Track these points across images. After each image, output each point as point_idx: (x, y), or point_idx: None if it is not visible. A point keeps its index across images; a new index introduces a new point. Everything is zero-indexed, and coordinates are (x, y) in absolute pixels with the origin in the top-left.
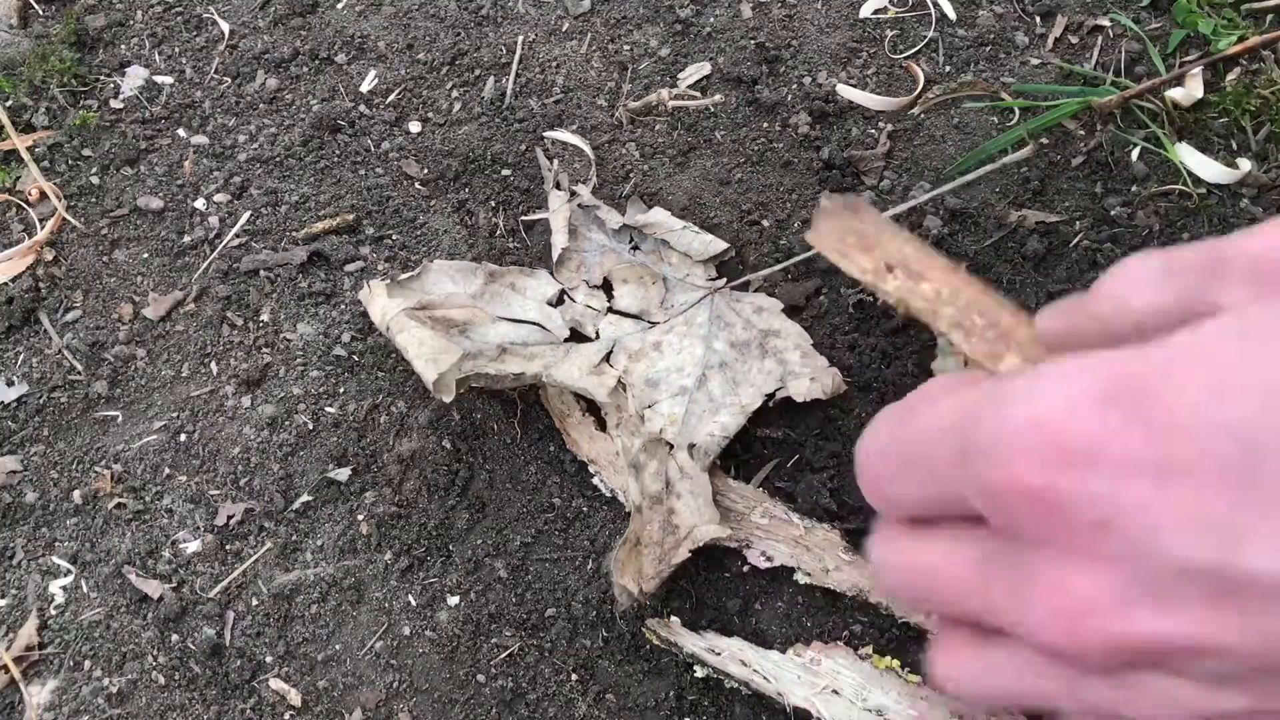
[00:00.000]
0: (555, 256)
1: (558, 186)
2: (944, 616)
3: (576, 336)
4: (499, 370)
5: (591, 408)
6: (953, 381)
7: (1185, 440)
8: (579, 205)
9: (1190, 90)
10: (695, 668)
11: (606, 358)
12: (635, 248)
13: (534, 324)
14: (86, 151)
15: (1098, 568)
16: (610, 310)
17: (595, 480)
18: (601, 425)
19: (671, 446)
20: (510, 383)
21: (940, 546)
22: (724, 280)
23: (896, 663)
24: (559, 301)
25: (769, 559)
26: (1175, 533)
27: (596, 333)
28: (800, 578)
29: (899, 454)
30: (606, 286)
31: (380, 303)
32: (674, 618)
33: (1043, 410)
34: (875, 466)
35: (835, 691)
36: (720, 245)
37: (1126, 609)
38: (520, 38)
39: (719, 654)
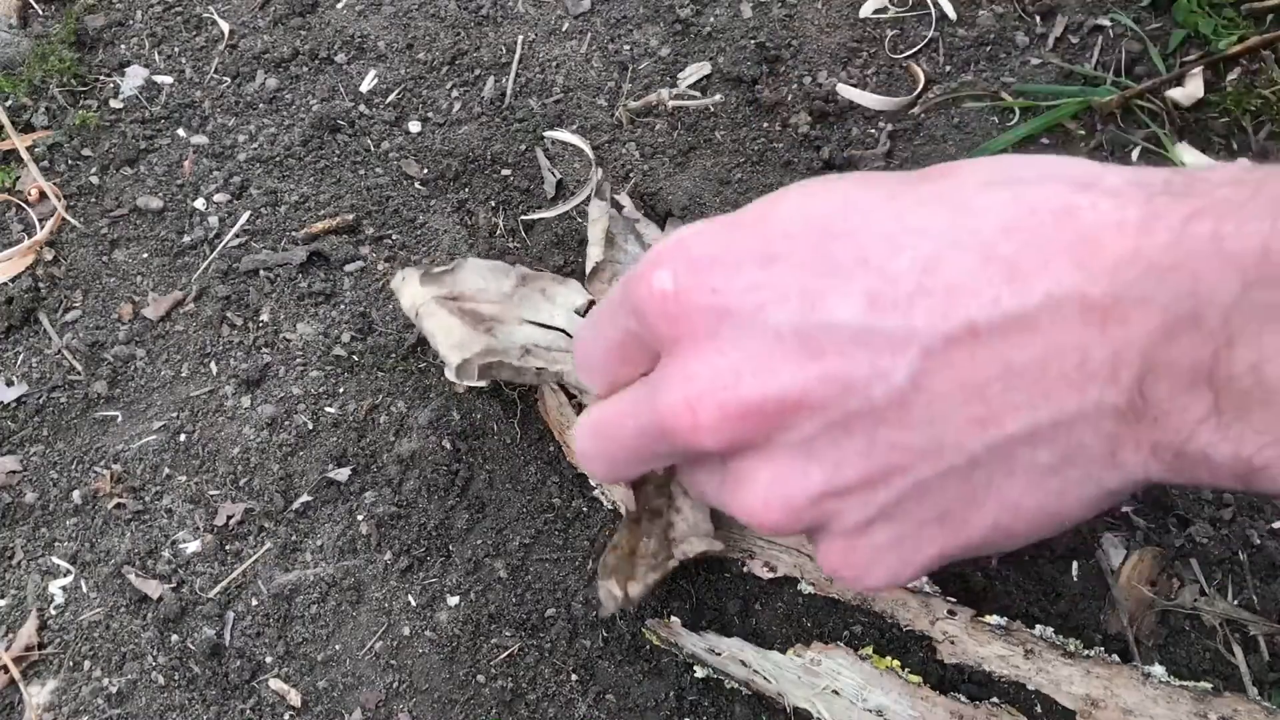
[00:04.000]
0: (589, 268)
1: (599, 195)
2: (641, 461)
3: None
4: (521, 364)
5: None
6: None
7: (781, 236)
8: (623, 216)
9: (1191, 90)
10: (695, 668)
11: None
12: None
13: (560, 330)
14: (86, 151)
15: (717, 350)
16: None
17: (595, 492)
18: None
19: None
20: (531, 377)
21: (616, 398)
22: None
23: (897, 663)
24: (587, 311)
25: (772, 569)
26: (775, 305)
27: None
28: (804, 588)
29: (599, 321)
30: None
31: (412, 290)
32: (674, 618)
33: (678, 235)
34: (586, 334)
35: (835, 692)
36: None
37: (739, 381)
38: (520, 37)
39: (719, 654)
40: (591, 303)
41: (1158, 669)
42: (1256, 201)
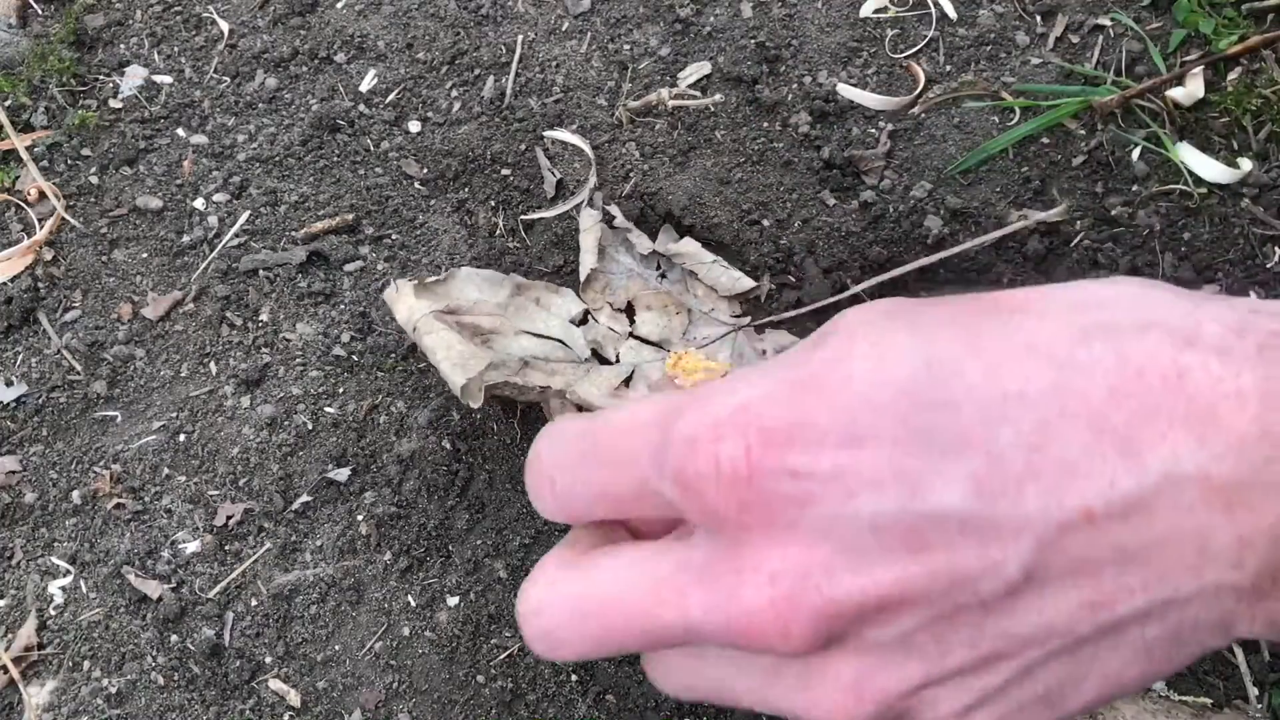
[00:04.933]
0: (583, 277)
1: (590, 205)
2: (625, 648)
3: (597, 357)
4: (525, 382)
5: None
6: (650, 397)
7: (865, 407)
8: (612, 227)
9: (1191, 90)
10: None
11: (626, 382)
12: (663, 275)
13: (557, 340)
14: (85, 151)
15: (803, 543)
16: (631, 335)
17: None
18: None
19: None
20: (534, 395)
21: (620, 569)
22: (748, 318)
23: None
24: (583, 321)
25: None
26: (867, 492)
27: (617, 356)
28: None
29: (595, 450)
30: (629, 311)
31: (407, 303)
32: None
33: (743, 398)
34: (559, 460)
35: None
36: (748, 283)
37: (831, 577)
38: (520, 37)
39: None
40: (586, 312)
41: (1157, 683)
42: None
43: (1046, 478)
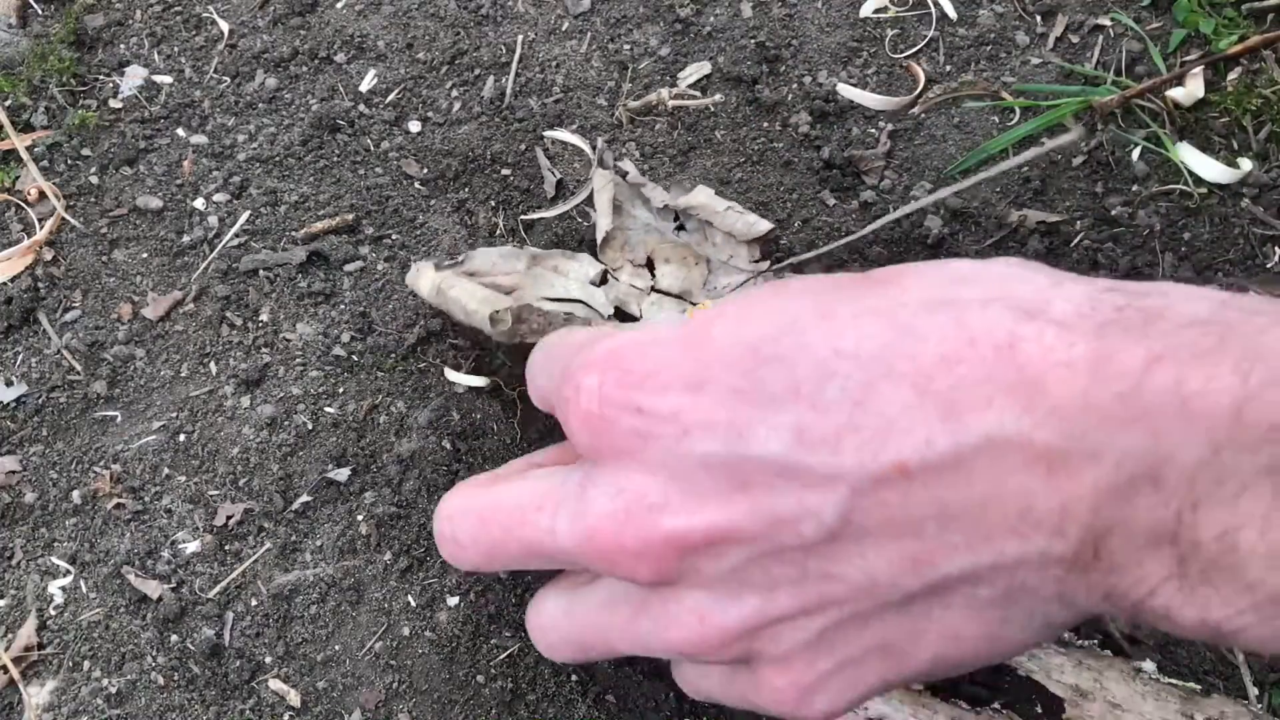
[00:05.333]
0: (600, 237)
1: (601, 164)
2: (523, 564)
3: (620, 315)
4: (553, 309)
5: None
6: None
7: (714, 357)
8: (627, 181)
9: (1191, 90)
10: None
11: None
12: (680, 227)
13: (578, 302)
14: (85, 151)
15: (640, 472)
16: (653, 289)
17: None
18: None
19: None
20: (561, 323)
21: (520, 483)
22: (767, 263)
23: None
24: (602, 282)
25: None
26: (699, 432)
27: (640, 312)
28: None
29: (547, 360)
30: (650, 265)
31: (429, 276)
32: None
33: (619, 343)
34: (535, 360)
35: None
36: (765, 226)
37: (663, 510)
38: (520, 37)
39: None
40: (605, 273)
41: (1149, 665)
42: (1225, 351)
43: (865, 431)
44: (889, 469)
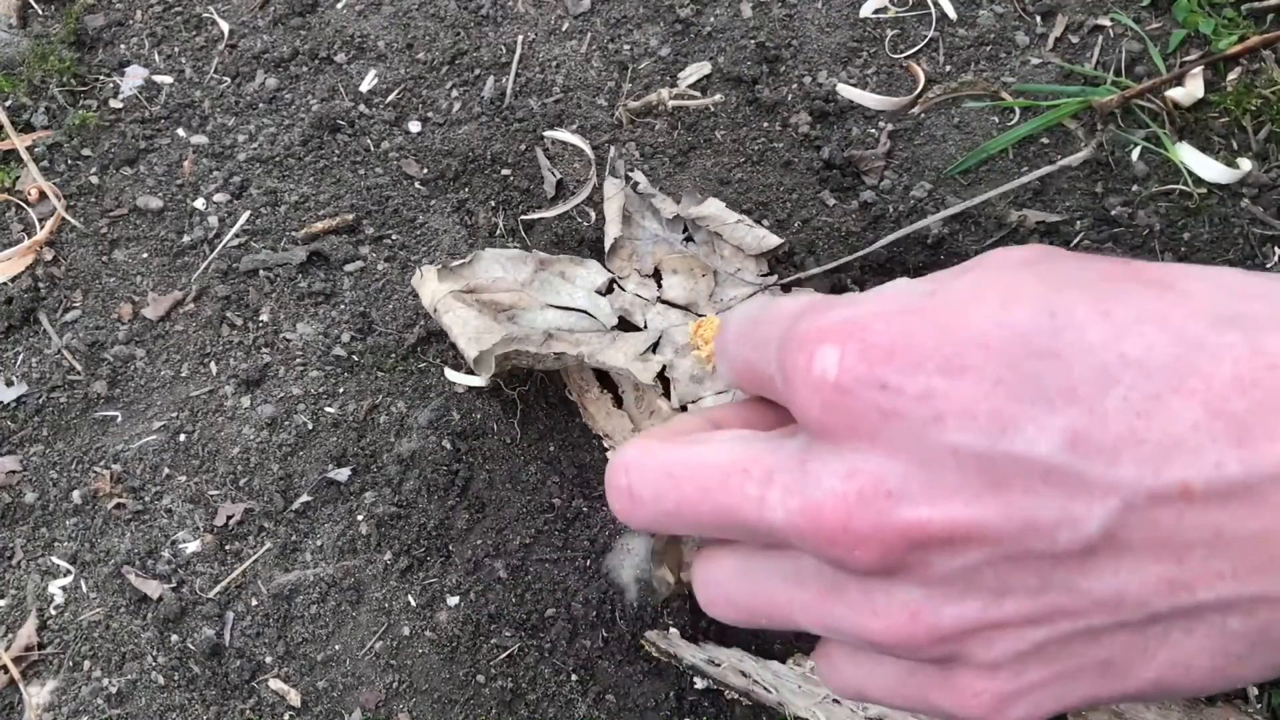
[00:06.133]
0: (608, 245)
1: (613, 173)
2: (702, 525)
3: (625, 325)
4: (541, 350)
5: (608, 385)
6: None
7: (974, 340)
8: (637, 192)
9: (1191, 90)
10: (695, 680)
11: (653, 348)
12: (689, 238)
13: (582, 311)
14: (86, 151)
15: (881, 455)
16: (659, 300)
17: (609, 454)
18: (618, 403)
19: None
20: (552, 363)
21: (718, 444)
22: (775, 277)
23: None
24: (608, 290)
25: None
26: (955, 421)
27: (645, 322)
28: None
29: (752, 327)
30: (656, 275)
31: (430, 287)
32: (672, 629)
33: (859, 312)
34: (732, 331)
35: (836, 701)
36: (774, 240)
37: (902, 498)
38: (520, 37)
39: (718, 665)
40: (612, 280)
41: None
42: None
43: (1148, 447)
44: (1170, 488)
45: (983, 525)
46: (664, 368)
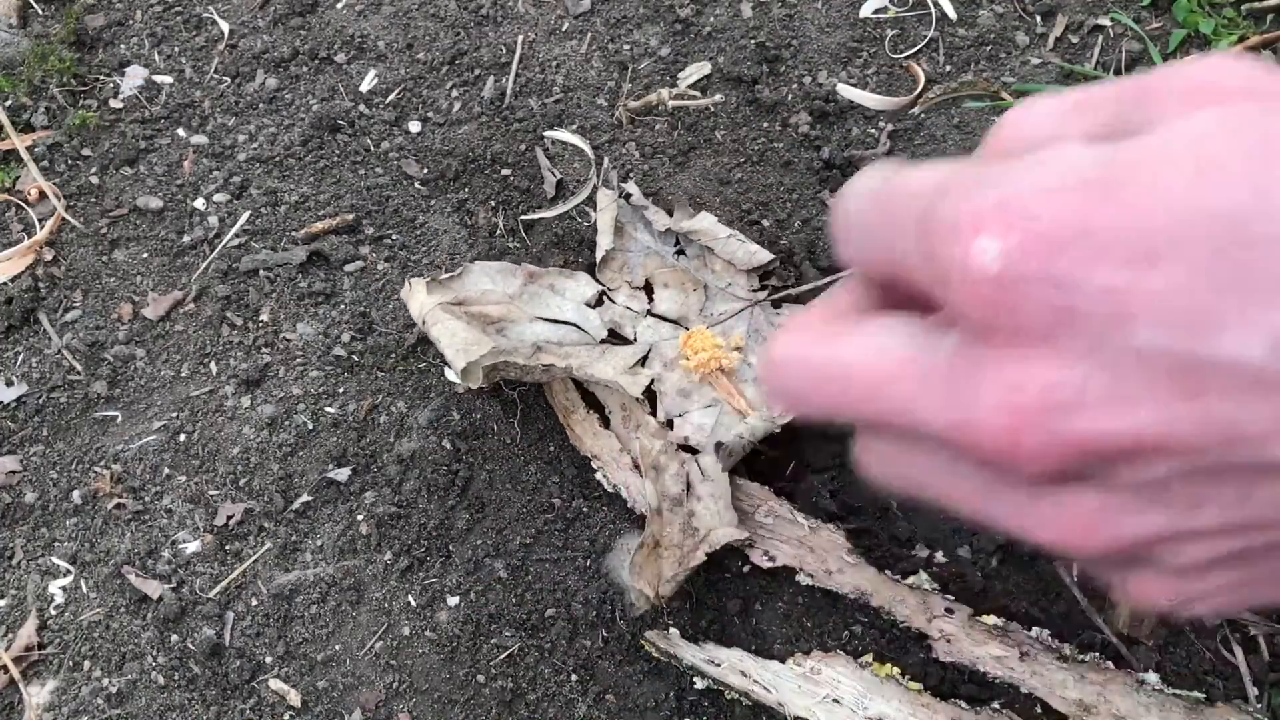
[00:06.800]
0: (599, 257)
1: (606, 185)
2: (855, 421)
3: (614, 337)
4: (528, 363)
5: (594, 405)
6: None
7: (1168, 224)
8: (630, 204)
9: None
10: (695, 680)
11: (641, 361)
12: (680, 251)
13: (571, 324)
14: (86, 151)
15: (1055, 361)
16: (649, 313)
17: (598, 475)
18: (605, 423)
19: (695, 451)
20: (539, 375)
21: (866, 340)
22: (765, 292)
23: (897, 670)
24: (598, 303)
25: (771, 559)
26: (1147, 318)
27: (635, 335)
28: (802, 579)
29: (885, 202)
30: (647, 288)
31: (419, 299)
32: (673, 629)
33: (1018, 190)
34: (851, 209)
35: (836, 700)
36: (765, 256)
37: (1079, 409)
38: (520, 37)
39: (718, 665)
40: (602, 293)
41: (1151, 676)
42: None
43: None
44: None
45: (1175, 435)
46: (652, 381)
